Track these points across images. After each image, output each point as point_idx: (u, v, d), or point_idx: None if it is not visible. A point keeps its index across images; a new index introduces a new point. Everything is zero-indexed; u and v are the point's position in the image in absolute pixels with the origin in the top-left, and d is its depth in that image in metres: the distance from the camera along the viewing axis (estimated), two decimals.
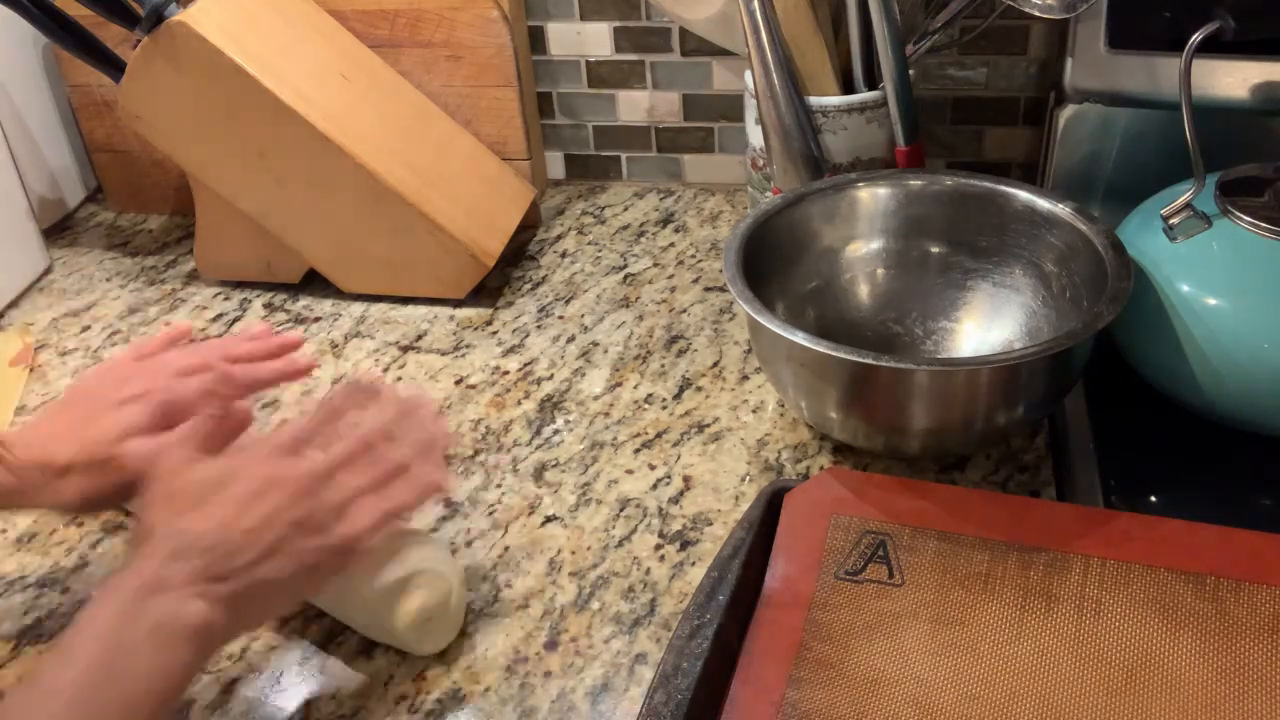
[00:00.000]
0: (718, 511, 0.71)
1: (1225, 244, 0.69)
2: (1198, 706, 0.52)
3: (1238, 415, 0.70)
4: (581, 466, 0.76)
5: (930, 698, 0.54)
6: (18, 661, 0.65)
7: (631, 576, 0.67)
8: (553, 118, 1.08)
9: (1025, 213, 0.76)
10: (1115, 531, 0.59)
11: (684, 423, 0.79)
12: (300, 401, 0.84)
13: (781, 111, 0.82)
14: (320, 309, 0.95)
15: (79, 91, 1.08)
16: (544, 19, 1.03)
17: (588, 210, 1.07)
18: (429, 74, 1.01)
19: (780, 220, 0.77)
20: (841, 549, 0.61)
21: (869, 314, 0.80)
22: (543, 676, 0.62)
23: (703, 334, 0.88)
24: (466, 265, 0.92)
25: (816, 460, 0.75)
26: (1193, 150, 0.69)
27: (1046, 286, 0.76)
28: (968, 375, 0.65)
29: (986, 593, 0.58)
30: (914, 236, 0.80)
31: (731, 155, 1.06)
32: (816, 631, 0.57)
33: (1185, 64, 0.68)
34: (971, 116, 0.99)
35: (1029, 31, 0.94)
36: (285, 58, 0.90)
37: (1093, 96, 0.82)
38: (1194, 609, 0.55)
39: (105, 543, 0.73)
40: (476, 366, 0.87)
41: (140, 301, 0.98)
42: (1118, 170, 0.85)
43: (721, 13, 0.89)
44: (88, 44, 0.88)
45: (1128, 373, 0.75)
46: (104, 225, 1.11)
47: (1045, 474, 0.72)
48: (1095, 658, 0.54)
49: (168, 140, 0.91)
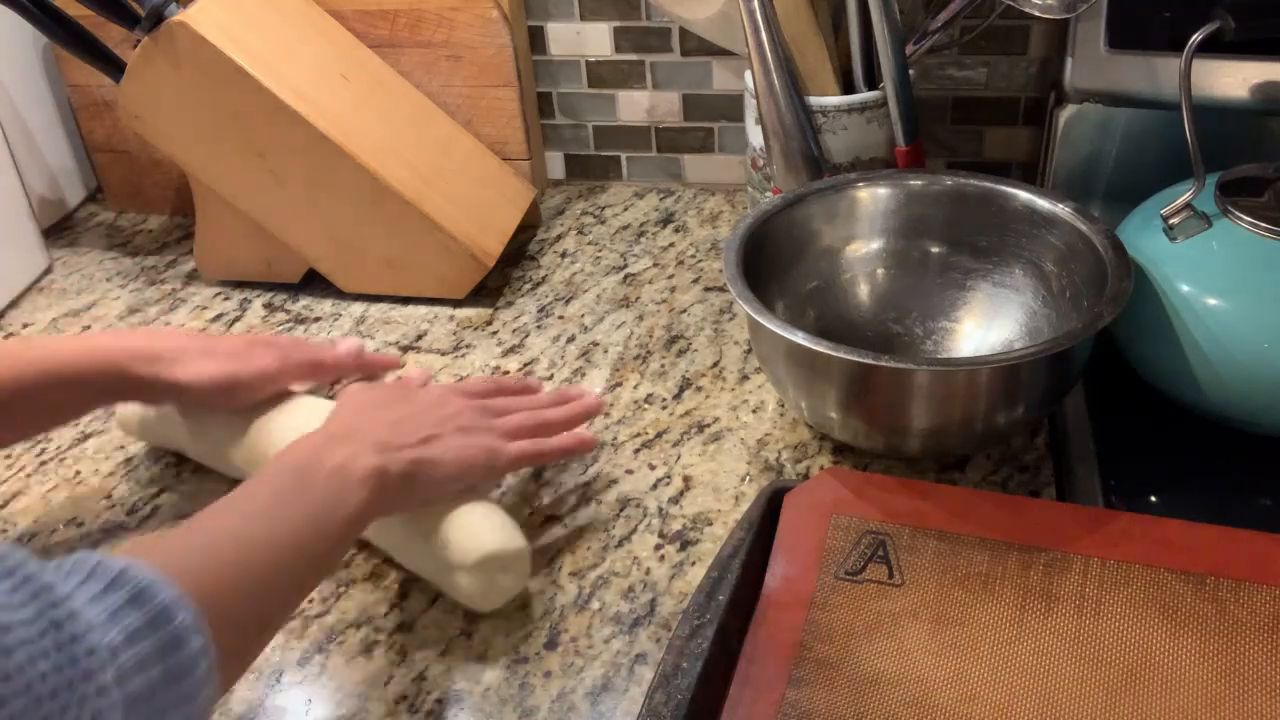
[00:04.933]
0: (718, 511, 0.71)
1: (1225, 244, 0.69)
2: (1198, 706, 0.52)
3: (1238, 415, 0.70)
4: (581, 466, 0.76)
5: (930, 698, 0.54)
6: None
7: (631, 576, 0.67)
8: (553, 118, 1.08)
9: (1025, 213, 0.76)
10: (1115, 531, 0.59)
11: (684, 423, 0.79)
12: None
13: (781, 111, 0.82)
14: (320, 309, 0.95)
15: (79, 91, 1.08)
16: (544, 19, 1.03)
17: (588, 210, 1.07)
18: (429, 74, 1.01)
19: (780, 220, 0.77)
20: (841, 549, 0.61)
21: (869, 314, 0.80)
22: (543, 676, 0.62)
23: (703, 334, 0.88)
24: (466, 265, 0.92)
25: (816, 460, 0.75)
26: (1193, 150, 0.69)
27: (1046, 286, 0.76)
28: (968, 375, 0.65)
29: (986, 593, 0.58)
30: (914, 236, 0.80)
31: (731, 155, 1.06)
32: (816, 631, 0.57)
33: (1185, 64, 0.68)
34: (971, 116, 0.99)
35: (1029, 31, 0.94)
36: (285, 58, 0.90)
37: (1093, 96, 0.82)
38: (1194, 609, 0.55)
39: (105, 542, 0.73)
40: (476, 366, 0.87)
41: (140, 301, 0.98)
42: (1118, 170, 0.85)
43: (721, 13, 0.89)
44: (88, 44, 0.88)
45: (1128, 373, 0.75)
46: (104, 225, 1.11)
47: (1045, 474, 0.72)
48: (1095, 658, 0.54)
49: (168, 140, 0.91)
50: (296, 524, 0.55)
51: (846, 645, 0.56)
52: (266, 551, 0.53)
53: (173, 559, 0.48)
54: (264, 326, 0.93)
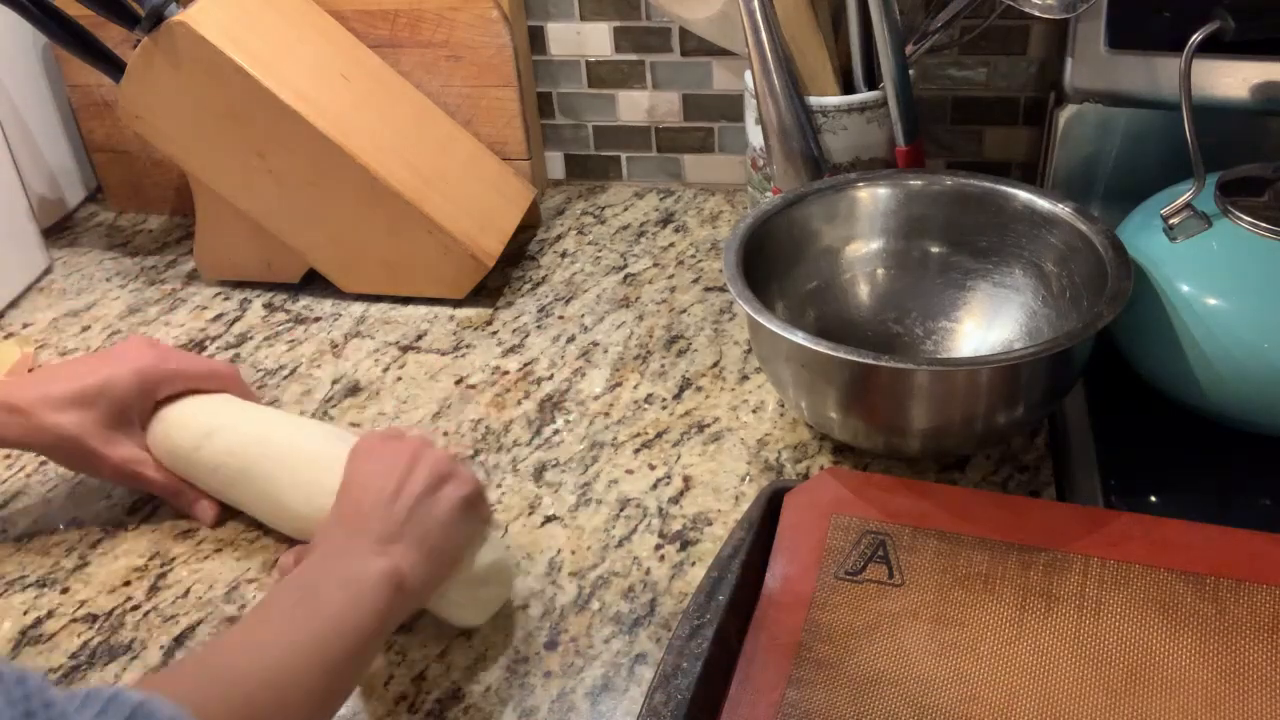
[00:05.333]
0: (718, 511, 0.71)
1: (1225, 244, 0.69)
2: (1198, 706, 0.52)
3: (1238, 415, 0.70)
4: (581, 466, 0.76)
5: (930, 698, 0.54)
6: (18, 661, 0.65)
7: (631, 576, 0.67)
8: (553, 118, 1.08)
9: (1025, 213, 0.76)
10: (1115, 531, 0.59)
11: (684, 423, 0.79)
12: (300, 401, 0.84)
13: (781, 111, 0.82)
14: (320, 309, 0.95)
15: (79, 91, 1.08)
16: (544, 19, 1.03)
17: (588, 210, 1.07)
18: (429, 74, 1.01)
19: (780, 220, 0.77)
20: (841, 549, 0.61)
21: (869, 314, 0.80)
22: (543, 676, 0.62)
23: (703, 334, 0.88)
24: (466, 265, 0.92)
25: (816, 460, 0.75)
26: (1193, 150, 0.69)
27: (1046, 286, 0.76)
28: (968, 375, 0.65)
29: (986, 593, 0.58)
30: (914, 236, 0.80)
31: (731, 155, 1.06)
32: (816, 631, 0.57)
33: (1185, 64, 0.68)
34: (971, 116, 0.99)
35: (1029, 31, 0.94)
36: (285, 58, 0.90)
37: (1093, 96, 0.82)
38: (1194, 609, 0.55)
39: (105, 542, 0.73)
40: (476, 366, 0.87)
41: (140, 301, 0.98)
42: (1118, 170, 0.85)
43: (721, 13, 0.89)
44: (88, 44, 0.88)
45: (1128, 373, 0.75)
46: (104, 225, 1.11)
47: (1045, 474, 0.72)
48: (1095, 658, 0.54)
49: (168, 140, 0.91)
50: (313, 645, 0.53)
51: (846, 645, 0.56)
52: (287, 674, 0.51)
53: (190, 693, 0.46)
54: (264, 326, 0.93)
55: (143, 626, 0.67)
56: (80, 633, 0.67)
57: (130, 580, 0.70)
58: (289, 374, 0.87)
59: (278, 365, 0.88)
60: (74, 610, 0.68)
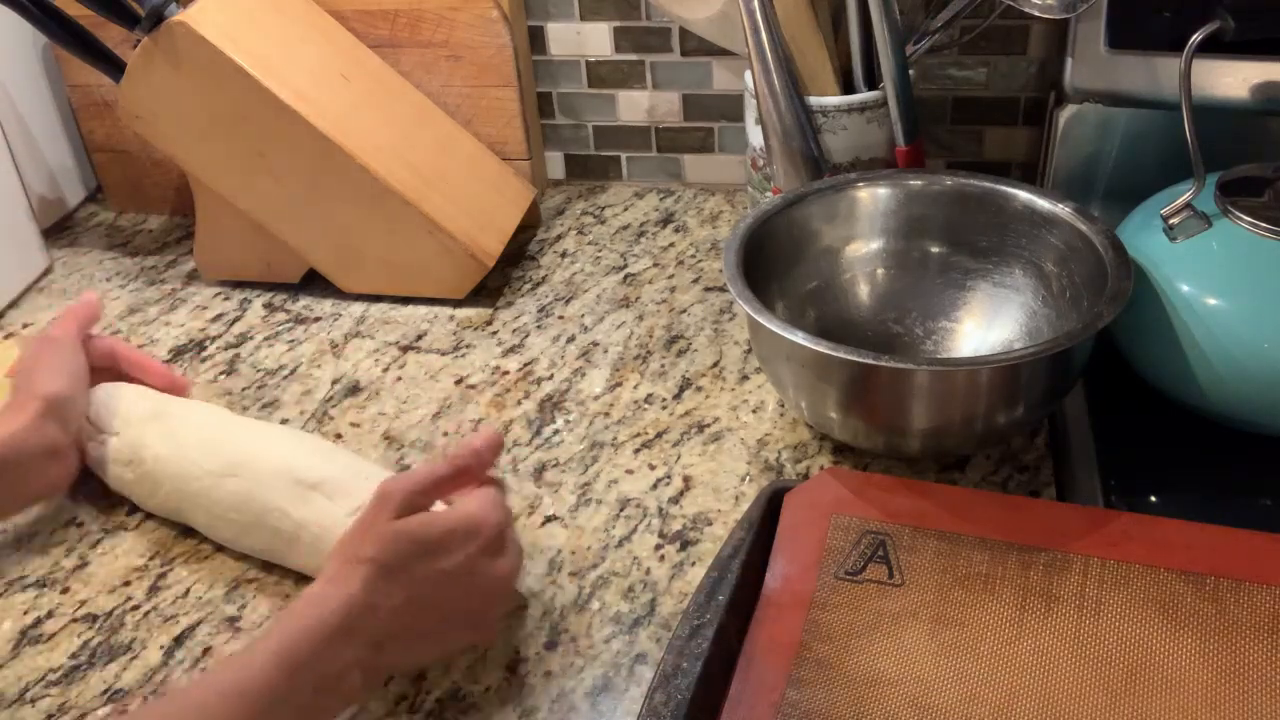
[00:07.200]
0: (718, 511, 0.71)
1: (1225, 244, 0.69)
2: (1198, 706, 0.52)
3: (1238, 415, 0.70)
4: (581, 466, 0.76)
5: (930, 698, 0.54)
6: (18, 661, 0.65)
7: (631, 576, 0.67)
8: (553, 118, 1.08)
9: (1025, 213, 0.76)
10: (1115, 531, 0.59)
11: (684, 423, 0.79)
12: (300, 401, 0.84)
13: (781, 111, 0.82)
14: (320, 309, 0.95)
15: (79, 91, 1.08)
16: (544, 19, 1.03)
17: (588, 210, 1.07)
18: (429, 74, 1.01)
19: (780, 220, 0.77)
20: (841, 549, 0.61)
21: (869, 314, 0.80)
22: (543, 676, 0.62)
23: (703, 334, 0.88)
24: (466, 265, 0.92)
25: (816, 460, 0.75)
26: (1193, 150, 0.69)
27: (1046, 286, 0.76)
28: (968, 375, 0.65)
29: (986, 593, 0.58)
30: (914, 236, 0.80)
31: (731, 155, 1.06)
32: (816, 631, 0.57)
33: (1185, 64, 0.68)
34: (971, 116, 0.99)
35: (1029, 31, 0.94)
36: (285, 58, 0.90)
37: (1093, 96, 0.82)
38: (1194, 609, 0.55)
39: (105, 542, 0.73)
40: (476, 366, 0.87)
41: (140, 301, 0.98)
42: (1118, 170, 0.85)
43: (721, 13, 0.89)
44: (88, 44, 0.88)
45: (1128, 373, 0.75)
46: (104, 225, 1.11)
47: (1045, 474, 0.72)
48: (1095, 658, 0.54)
49: (168, 140, 0.91)
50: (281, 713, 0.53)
51: (846, 645, 0.56)
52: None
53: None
54: (264, 326, 0.93)
55: (143, 626, 0.67)
56: (80, 633, 0.67)
57: (130, 580, 0.70)
58: (289, 374, 0.87)
59: (278, 365, 0.88)
60: (74, 610, 0.68)
